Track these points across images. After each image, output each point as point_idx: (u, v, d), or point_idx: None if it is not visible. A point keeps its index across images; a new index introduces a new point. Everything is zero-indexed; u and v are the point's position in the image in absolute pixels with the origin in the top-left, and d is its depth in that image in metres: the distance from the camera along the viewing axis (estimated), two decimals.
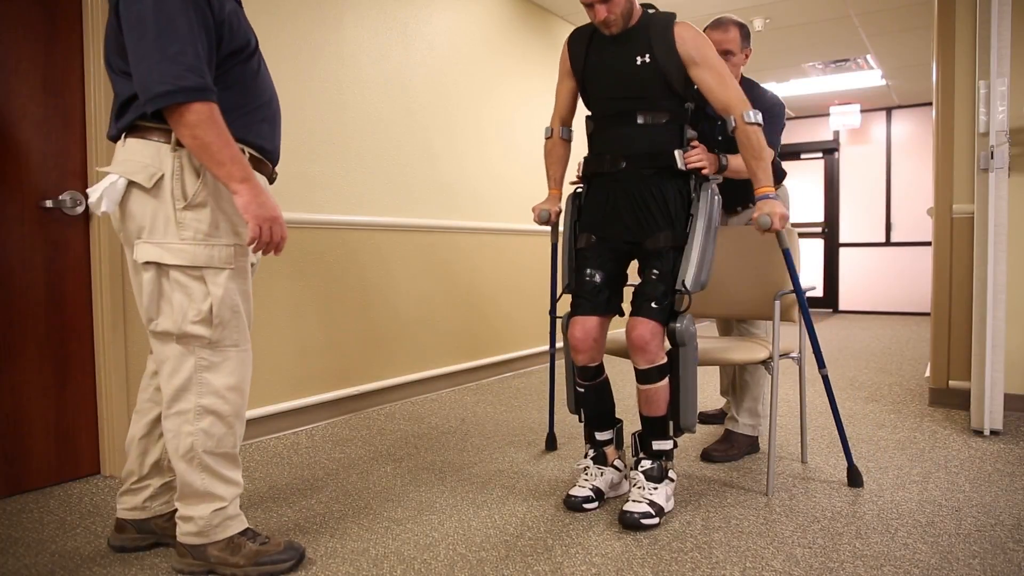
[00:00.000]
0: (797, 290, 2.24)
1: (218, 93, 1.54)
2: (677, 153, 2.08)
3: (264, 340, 2.93)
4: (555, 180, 2.46)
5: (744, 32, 2.55)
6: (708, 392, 3.66)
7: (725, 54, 2.48)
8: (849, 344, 5.76)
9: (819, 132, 8.54)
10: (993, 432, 2.86)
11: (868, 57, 6.12)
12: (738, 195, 2.72)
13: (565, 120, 2.41)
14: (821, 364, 2.31)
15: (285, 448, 2.79)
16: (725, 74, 2.07)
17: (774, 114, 2.53)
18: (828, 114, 7.95)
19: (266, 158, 1.74)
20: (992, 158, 2.83)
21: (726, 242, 2.63)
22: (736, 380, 2.69)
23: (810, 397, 3.61)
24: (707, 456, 2.60)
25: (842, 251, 8.56)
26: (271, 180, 1.80)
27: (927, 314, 7.63)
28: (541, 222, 2.44)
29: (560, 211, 2.40)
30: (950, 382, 3.32)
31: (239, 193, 1.54)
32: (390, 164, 3.56)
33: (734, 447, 2.62)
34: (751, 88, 2.60)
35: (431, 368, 3.78)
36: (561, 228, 2.34)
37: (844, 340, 6.00)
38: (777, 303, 2.29)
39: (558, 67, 2.35)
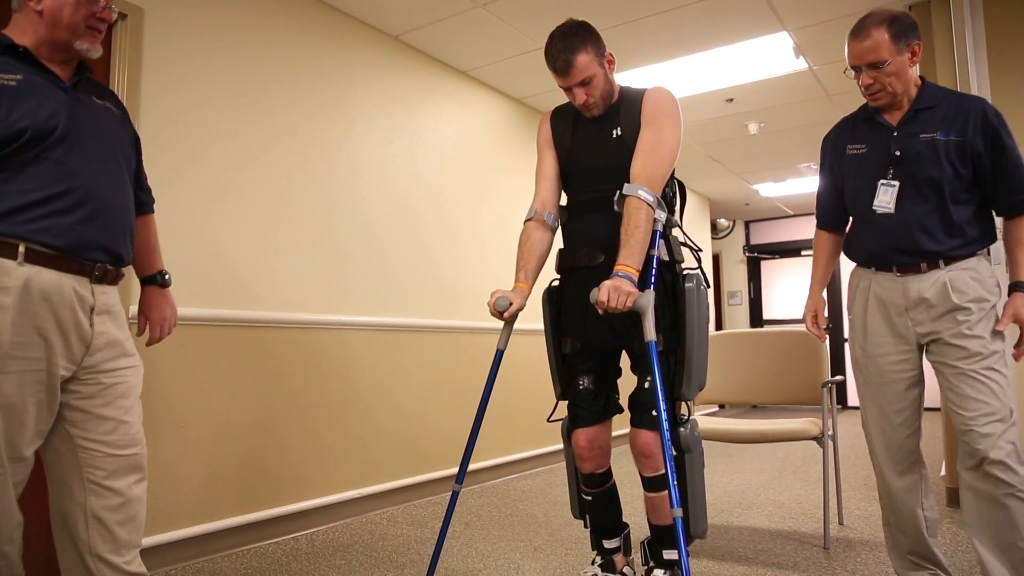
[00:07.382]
0: (656, 389, 1.79)
1: None
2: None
3: (272, 442, 2.89)
4: (526, 272, 2.07)
5: (896, 29, 1.86)
6: (734, 487, 3.56)
7: (873, 66, 1.89)
8: (861, 441, 5.64)
9: None
10: None
11: None
12: None
13: (548, 201, 2.12)
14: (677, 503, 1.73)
15: (284, 554, 2.70)
16: (664, 145, 1.90)
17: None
18: None
19: (69, 255, 1.53)
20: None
21: (772, 342, 3.29)
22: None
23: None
24: None
25: (847, 347, 8.52)
26: (110, 280, 1.62)
27: (937, 409, 7.47)
28: (497, 311, 2.01)
29: (521, 308, 2.05)
30: None
31: None
32: (393, 266, 3.62)
33: None
34: (936, 89, 1.96)
35: (434, 470, 3.71)
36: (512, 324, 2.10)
37: (856, 437, 5.88)
38: (824, 390, 2.90)
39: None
